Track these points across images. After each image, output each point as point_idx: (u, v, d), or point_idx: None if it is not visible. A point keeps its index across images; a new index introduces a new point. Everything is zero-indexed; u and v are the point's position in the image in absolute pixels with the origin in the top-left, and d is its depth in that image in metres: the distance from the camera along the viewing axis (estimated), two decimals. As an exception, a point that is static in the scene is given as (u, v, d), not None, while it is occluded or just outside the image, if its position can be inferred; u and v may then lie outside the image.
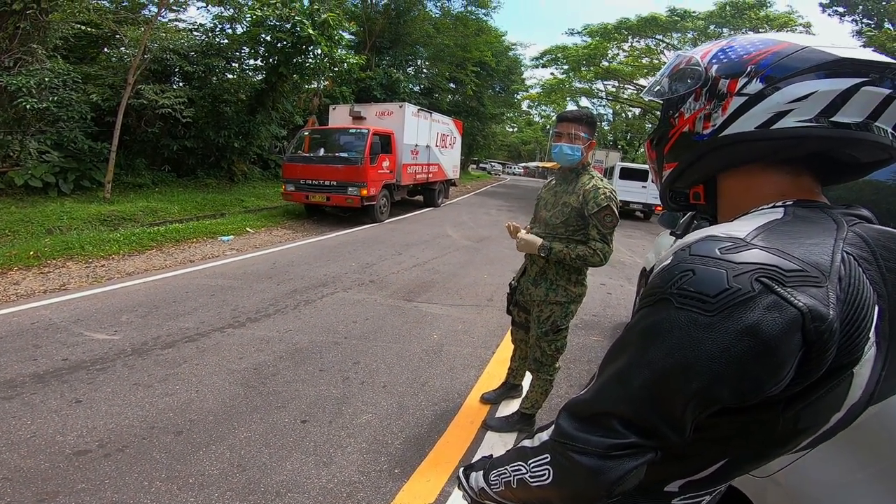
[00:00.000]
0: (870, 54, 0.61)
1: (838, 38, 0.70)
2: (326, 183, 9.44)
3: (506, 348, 3.65)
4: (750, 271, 0.52)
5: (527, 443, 0.76)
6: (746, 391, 0.53)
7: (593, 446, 0.61)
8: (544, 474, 0.68)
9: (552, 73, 30.60)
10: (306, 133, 10.56)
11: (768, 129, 0.63)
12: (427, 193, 13.63)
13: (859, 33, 18.03)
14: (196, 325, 3.95)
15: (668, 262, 0.59)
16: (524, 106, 42.42)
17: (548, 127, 51.82)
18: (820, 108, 0.61)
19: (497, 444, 2.52)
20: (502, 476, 0.80)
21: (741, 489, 1.35)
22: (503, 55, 31.99)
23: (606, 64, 27.46)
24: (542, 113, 41.48)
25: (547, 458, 0.68)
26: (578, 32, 26.65)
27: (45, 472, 2.07)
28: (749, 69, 0.65)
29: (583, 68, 27.72)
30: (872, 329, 0.55)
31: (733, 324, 0.51)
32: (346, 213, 10.39)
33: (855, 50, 0.62)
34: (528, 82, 37.98)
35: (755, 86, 0.64)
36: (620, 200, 2.52)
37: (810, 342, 0.51)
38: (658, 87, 0.79)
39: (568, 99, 34.25)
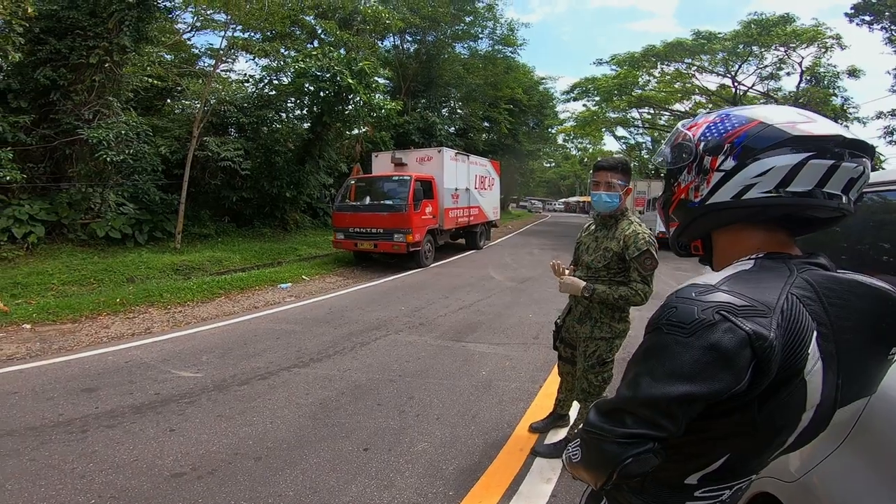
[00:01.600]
0: (819, 128, 0.79)
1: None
2: (373, 230, 9.80)
3: (552, 382, 3.78)
4: (712, 307, 0.74)
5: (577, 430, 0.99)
6: (716, 389, 0.74)
7: (608, 434, 0.82)
8: (577, 453, 0.92)
9: (584, 106, 30.40)
10: (353, 181, 10.94)
11: (740, 199, 0.83)
12: (469, 236, 13.71)
13: (891, 41, 17.26)
14: (266, 365, 4.33)
15: (664, 302, 0.81)
16: (560, 140, 42.00)
17: (585, 160, 51.12)
18: (777, 181, 0.80)
19: (545, 468, 2.66)
20: (566, 453, 1.01)
21: (777, 496, 1.44)
22: (534, 90, 32.01)
23: (639, 92, 27.15)
24: (579, 145, 41.14)
25: (578, 441, 0.92)
26: (606, 62, 26.52)
27: (147, 492, 2.34)
28: (726, 147, 0.84)
29: (615, 98, 27.45)
30: (812, 347, 0.76)
31: (702, 342, 0.73)
32: (393, 259, 10.71)
33: (809, 124, 0.80)
34: (561, 116, 37.70)
35: (729, 163, 0.84)
36: (666, 233, 2.74)
37: (758, 355, 0.72)
38: (661, 158, 0.98)
39: (604, 130, 33.27)
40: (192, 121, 11.43)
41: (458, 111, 27.61)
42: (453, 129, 25.89)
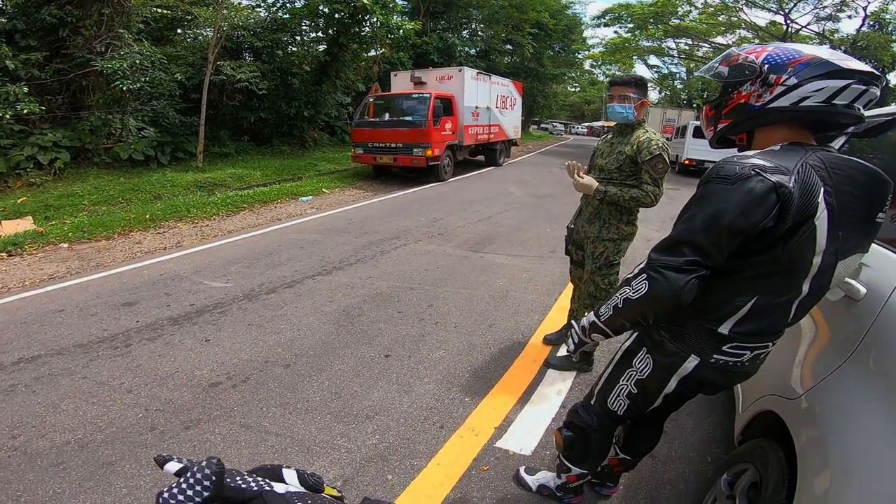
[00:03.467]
0: (857, 64, 1.07)
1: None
2: (393, 145, 9.94)
3: (567, 296, 3.82)
4: (749, 166, 1.05)
5: (628, 275, 1.23)
6: (752, 222, 1.04)
7: (672, 263, 1.11)
8: (642, 287, 1.16)
9: (616, 32, 28.37)
10: (371, 99, 10.94)
11: (797, 106, 1.11)
12: (489, 153, 13.77)
13: None
14: (291, 274, 4.49)
15: (712, 166, 1.14)
16: (587, 65, 39.88)
17: None
18: (826, 97, 1.08)
19: (557, 379, 2.77)
20: (611, 303, 1.28)
21: (779, 413, 1.44)
22: (561, 14, 29.92)
23: (677, 21, 24.77)
24: (607, 72, 38.62)
25: (644, 276, 1.16)
26: None
27: (188, 403, 2.51)
28: (789, 70, 1.11)
29: (650, 26, 25.28)
30: (820, 198, 1.04)
31: (741, 188, 1.04)
32: (412, 173, 10.78)
33: (849, 61, 1.08)
34: (589, 41, 35.64)
35: (791, 81, 1.11)
36: (694, 159, 2.77)
37: (781, 199, 1.02)
38: (715, 72, 1.26)
39: (635, 57, 31.80)
40: (205, 48, 11.29)
41: (480, 33, 26.31)
42: (474, 50, 25.02)
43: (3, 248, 5.25)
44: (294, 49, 14.52)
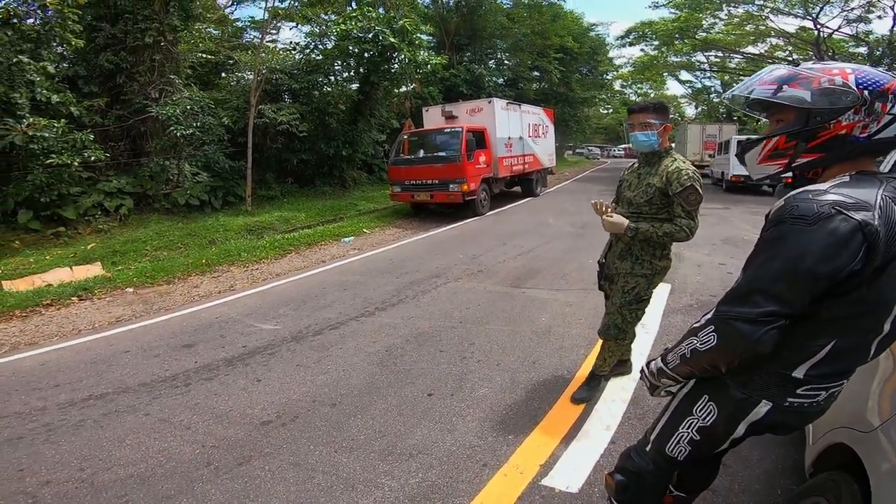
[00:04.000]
0: None
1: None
2: (429, 182, 10.06)
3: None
4: (829, 203, 0.97)
5: (696, 325, 1.17)
6: (837, 266, 0.96)
7: (745, 314, 1.02)
8: (710, 339, 1.09)
9: (642, 50, 28.43)
10: (405, 136, 11.19)
11: None
12: (525, 184, 13.72)
13: None
14: (336, 315, 4.63)
15: (782, 203, 1.04)
16: (616, 86, 40.06)
17: None
18: None
19: (605, 415, 2.69)
20: (678, 352, 1.23)
21: (851, 446, 1.37)
22: (584, 37, 30.70)
23: (703, 35, 24.64)
24: (639, 90, 38.78)
25: (712, 328, 1.09)
26: (663, 5, 23.97)
27: (241, 440, 2.61)
28: (890, 97, 1.03)
29: (676, 41, 25.22)
30: None
31: (823, 229, 0.95)
32: (450, 208, 10.90)
33: None
34: (616, 62, 36.03)
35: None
36: (742, 175, 2.75)
37: (867, 238, 0.95)
38: (788, 96, 1.11)
39: (666, 74, 31.84)
40: (247, 91, 12.06)
41: (506, 62, 27.16)
42: (502, 80, 25.67)
43: (75, 292, 5.72)
44: (329, 89, 15.17)
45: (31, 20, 8.69)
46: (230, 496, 2.15)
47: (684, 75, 33.14)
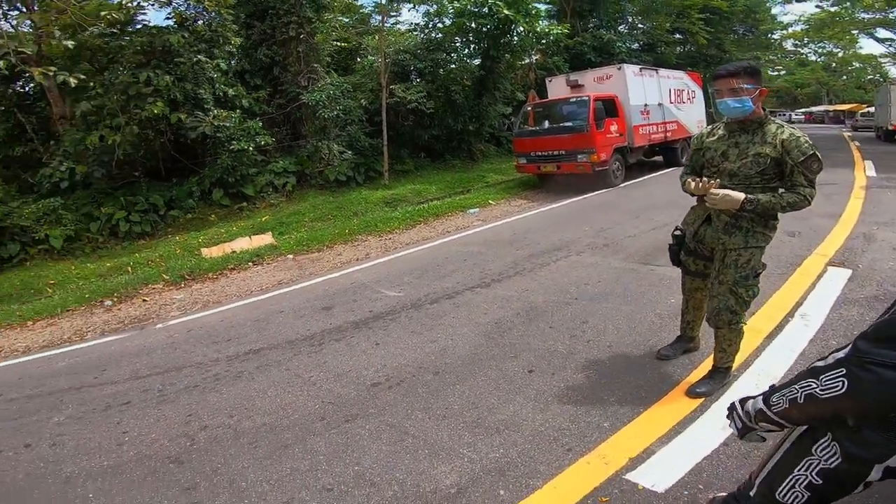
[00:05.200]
0: None
1: None
2: (555, 153, 9.82)
3: (754, 318, 3.23)
4: None
5: (819, 363, 0.97)
6: None
7: (892, 360, 0.81)
8: (837, 385, 0.89)
9: (818, 6, 24.06)
10: (529, 108, 10.97)
11: None
12: (668, 153, 12.56)
13: None
14: (453, 285, 4.81)
15: None
16: (788, 45, 33.63)
17: (832, 65, 42.44)
18: None
19: (723, 415, 2.36)
20: (788, 395, 1.02)
21: None
22: None
23: None
24: (821, 50, 31.52)
25: (843, 371, 0.88)
26: None
27: (352, 399, 2.89)
28: None
29: None
30: None
31: None
32: (579, 180, 10.34)
33: None
34: (782, 19, 30.75)
35: None
36: None
37: None
38: None
39: (856, 32, 26.07)
40: (378, 73, 12.88)
41: (640, 25, 24.77)
42: (636, 45, 23.52)
43: (250, 258, 6.88)
44: (452, 66, 15.48)
45: (199, 21, 10.42)
46: (333, 449, 2.43)
47: (882, 33, 26.54)
